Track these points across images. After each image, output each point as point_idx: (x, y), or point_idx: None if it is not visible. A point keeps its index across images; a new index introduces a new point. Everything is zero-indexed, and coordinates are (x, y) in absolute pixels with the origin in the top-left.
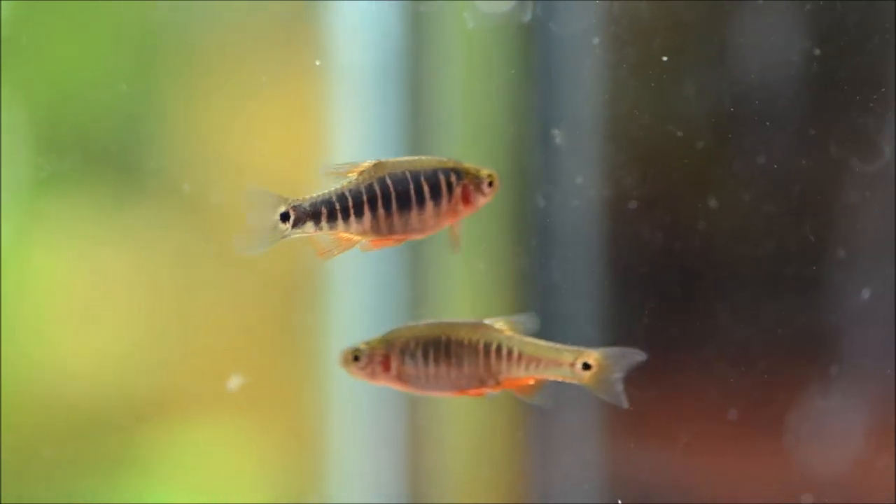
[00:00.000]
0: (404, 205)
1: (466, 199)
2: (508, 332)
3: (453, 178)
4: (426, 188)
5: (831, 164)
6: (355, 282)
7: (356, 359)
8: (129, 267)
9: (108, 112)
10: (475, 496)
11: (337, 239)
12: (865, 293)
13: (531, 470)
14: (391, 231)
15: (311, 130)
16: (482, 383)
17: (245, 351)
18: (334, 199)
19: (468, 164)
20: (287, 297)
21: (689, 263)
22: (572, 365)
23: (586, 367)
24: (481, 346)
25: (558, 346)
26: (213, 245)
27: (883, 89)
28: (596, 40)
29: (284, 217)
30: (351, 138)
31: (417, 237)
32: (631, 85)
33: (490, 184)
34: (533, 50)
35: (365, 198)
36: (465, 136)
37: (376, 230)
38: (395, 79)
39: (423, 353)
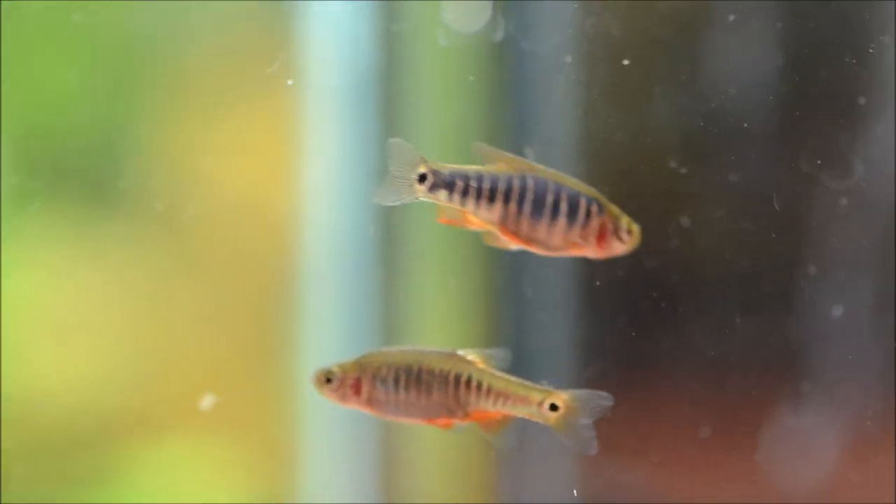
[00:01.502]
0: (538, 210)
1: (601, 237)
2: (480, 365)
3: (595, 208)
4: (564, 204)
5: (803, 180)
6: (329, 299)
7: (328, 381)
8: (103, 285)
9: (82, 130)
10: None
11: (463, 216)
12: (837, 310)
13: (504, 487)
14: (516, 232)
15: (285, 149)
16: (451, 414)
17: (219, 369)
18: (473, 176)
19: (614, 206)
20: (261, 315)
21: (662, 281)
22: (540, 404)
23: (553, 408)
24: (452, 376)
25: (528, 384)
26: (187, 262)
27: (854, 105)
28: (568, 59)
29: (422, 178)
30: (324, 157)
31: (538, 250)
32: (603, 103)
33: (629, 232)
34: (505, 68)
35: (502, 186)
36: (438, 154)
37: (503, 224)
38: (367, 97)
39: (394, 379)
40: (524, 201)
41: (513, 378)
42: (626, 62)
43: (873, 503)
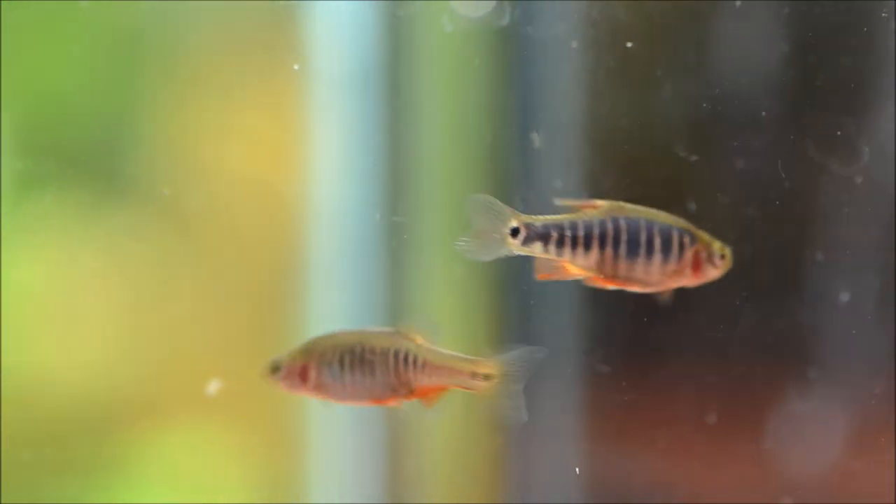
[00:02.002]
0: (633, 251)
1: (696, 266)
2: (419, 341)
3: (686, 239)
4: (658, 241)
5: (810, 166)
6: (335, 285)
7: (275, 370)
8: (109, 271)
9: (87, 116)
10: (455, 499)
11: (559, 267)
12: (844, 296)
13: (510, 473)
14: (615, 274)
15: (290, 134)
16: (395, 392)
17: (224, 355)
18: (566, 225)
19: (703, 232)
20: (267, 301)
21: None
22: (472, 375)
23: (486, 377)
24: (392, 354)
25: (461, 355)
26: (192, 249)
27: (861, 91)
28: (574, 44)
29: (514, 232)
30: (330, 142)
31: (638, 289)
32: (609, 89)
33: (722, 257)
34: (511, 54)
35: (596, 232)
36: (444, 140)
37: (600, 269)
38: (373, 82)
39: (339, 362)
40: (619, 243)
41: (447, 351)
42: (630, 46)
43: (878, 489)
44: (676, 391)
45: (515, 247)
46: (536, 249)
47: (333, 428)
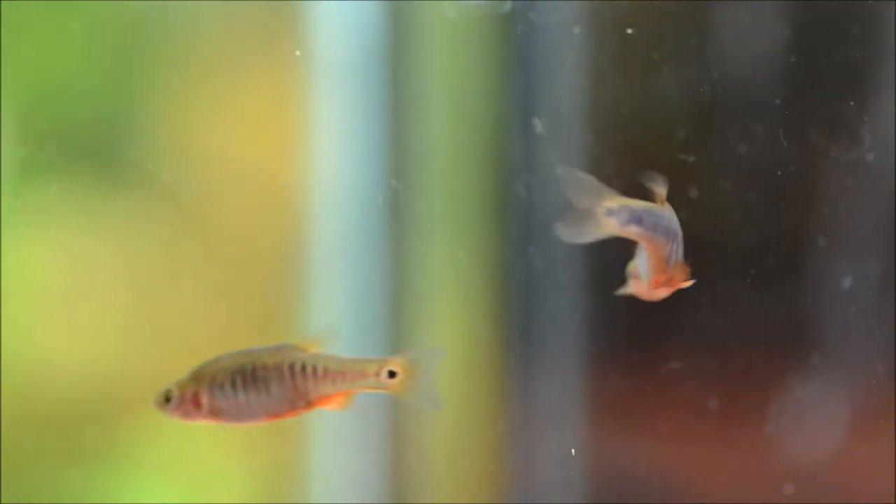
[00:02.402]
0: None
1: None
2: (313, 350)
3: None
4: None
5: (812, 152)
6: (337, 272)
7: (167, 400)
8: (110, 258)
9: (87, 102)
10: (457, 491)
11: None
12: (846, 281)
13: (512, 461)
14: (673, 274)
15: (292, 120)
16: (294, 406)
17: (226, 342)
18: (657, 213)
19: None
20: (269, 288)
21: None
22: (377, 374)
23: (392, 374)
24: (286, 367)
25: (362, 358)
26: (195, 236)
27: (863, 77)
28: (576, 30)
29: (610, 212)
30: (332, 128)
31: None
32: (611, 74)
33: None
34: (513, 40)
35: (673, 227)
36: (446, 126)
37: (666, 265)
38: (375, 69)
39: (231, 383)
40: (677, 241)
41: (345, 357)
42: (633, 32)
43: (881, 474)
44: (678, 377)
45: (614, 228)
46: (632, 232)
47: (335, 419)
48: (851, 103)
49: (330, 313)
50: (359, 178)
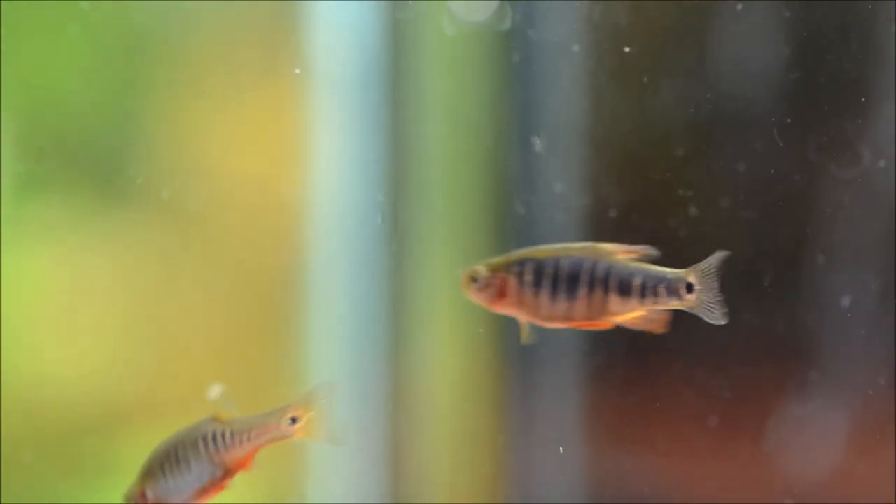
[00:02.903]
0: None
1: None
2: (224, 418)
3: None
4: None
5: (811, 169)
6: (336, 288)
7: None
8: (109, 272)
9: (87, 118)
10: (456, 498)
11: None
12: (845, 299)
13: (512, 474)
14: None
15: (292, 136)
16: (213, 477)
17: (225, 356)
18: None
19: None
20: (268, 303)
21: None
22: (278, 425)
23: (294, 420)
24: (199, 441)
25: (264, 413)
26: (194, 251)
27: (861, 93)
28: (575, 47)
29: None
30: (331, 144)
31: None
32: (610, 92)
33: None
34: (512, 57)
35: None
36: (445, 144)
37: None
38: (374, 85)
39: (161, 471)
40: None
41: (247, 417)
42: (631, 50)
43: (880, 490)
44: (678, 393)
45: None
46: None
47: (334, 426)
48: (850, 120)
49: (329, 327)
50: (357, 194)
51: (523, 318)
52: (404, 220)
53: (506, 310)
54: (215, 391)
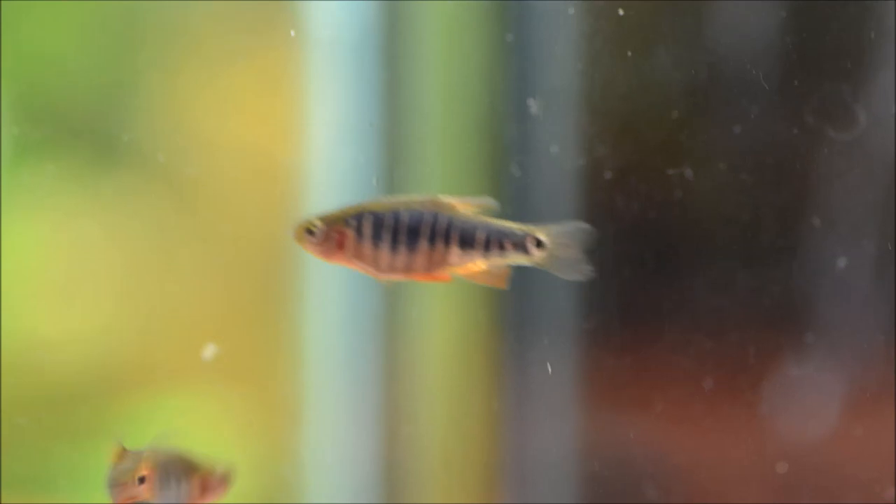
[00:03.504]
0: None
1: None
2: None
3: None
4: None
5: (807, 132)
6: None
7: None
8: (105, 237)
9: (84, 83)
10: (451, 464)
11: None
12: (841, 262)
13: (507, 438)
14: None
15: (287, 101)
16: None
17: (221, 321)
18: None
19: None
20: (263, 267)
21: (665, 233)
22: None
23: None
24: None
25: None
26: (189, 216)
27: (858, 57)
28: (571, 10)
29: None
30: (326, 108)
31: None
32: (606, 55)
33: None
34: (508, 20)
35: None
36: (441, 106)
37: None
38: (370, 49)
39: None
40: None
41: None
42: (626, 12)
43: (874, 454)
44: (673, 356)
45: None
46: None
47: (330, 392)
48: (847, 83)
49: (323, 291)
50: (353, 159)
51: (361, 270)
52: (400, 184)
53: (343, 262)
54: (210, 351)
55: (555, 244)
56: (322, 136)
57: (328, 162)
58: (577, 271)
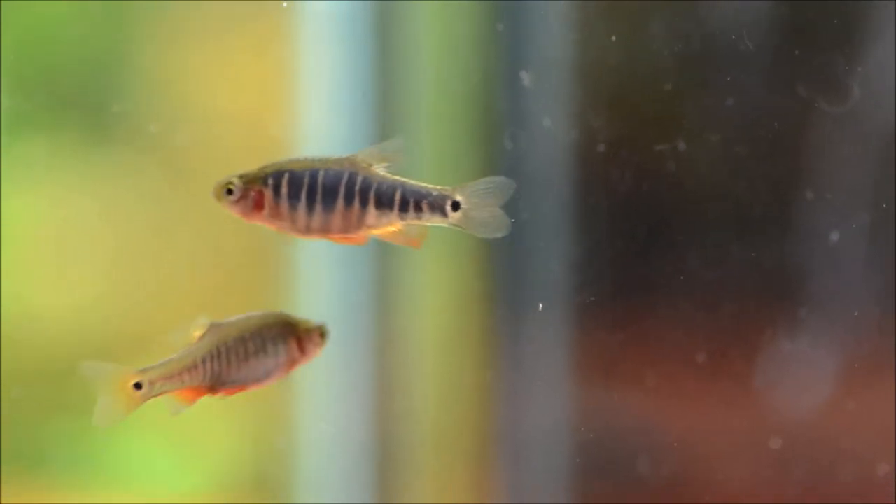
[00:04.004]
0: None
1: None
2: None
3: None
4: None
5: (801, 104)
6: None
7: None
8: (99, 209)
9: (74, 53)
10: (443, 438)
11: None
12: (834, 235)
13: (499, 411)
14: None
15: (280, 72)
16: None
17: (215, 294)
18: None
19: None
20: (256, 235)
21: (658, 205)
22: None
23: None
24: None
25: None
26: (183, 188)
27: (853, 29)
28: None
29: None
30: (319, 79)
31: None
32: (599, 26)
33: None
34: None
35: None
36: (433, 78)
37: None
38: (362, 19)
39: None
40: None
41: None
42: None
43: (867, 428)
44: (666, 330)
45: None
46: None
47: (322, 366)
48: (841, 55)
49: (317, 263)
50: (346, 129)
51: (279, 230)
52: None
53: (262, 222)
54: (201, 322)
55: (471, 204)
56: (315, 107)
57: (321, 132)
58: (497, 228)
